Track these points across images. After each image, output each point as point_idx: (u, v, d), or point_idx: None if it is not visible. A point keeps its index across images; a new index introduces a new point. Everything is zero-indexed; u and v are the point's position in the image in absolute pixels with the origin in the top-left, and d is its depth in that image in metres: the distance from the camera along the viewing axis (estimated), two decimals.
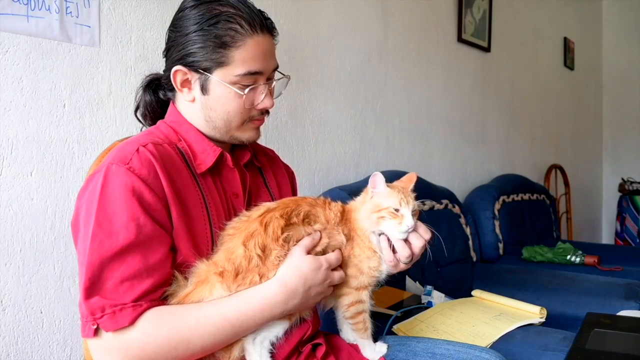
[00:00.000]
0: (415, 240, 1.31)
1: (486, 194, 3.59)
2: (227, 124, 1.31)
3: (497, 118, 4.22)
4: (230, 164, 1.34)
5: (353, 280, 1.31)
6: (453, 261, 2.83)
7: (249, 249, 1.18)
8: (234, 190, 1.35)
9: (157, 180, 1.17)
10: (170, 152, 1.25)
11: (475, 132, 3.96)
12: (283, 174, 1.56)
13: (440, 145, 3.57)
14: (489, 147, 4.13)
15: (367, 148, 2.92)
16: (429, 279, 2.58)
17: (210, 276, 1.17)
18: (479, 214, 3.48)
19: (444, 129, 3.60)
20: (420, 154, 3.38)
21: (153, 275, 1.13)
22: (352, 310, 1.33)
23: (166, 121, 1.35)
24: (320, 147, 2.62)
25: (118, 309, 1.10)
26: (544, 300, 2.59)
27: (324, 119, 2.64)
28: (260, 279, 1.18)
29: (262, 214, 1.22)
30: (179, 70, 1.28)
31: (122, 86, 1.80)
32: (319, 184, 2.60)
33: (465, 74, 3.80)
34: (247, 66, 1.26)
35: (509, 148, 4.41)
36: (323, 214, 1.29)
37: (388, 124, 3.08)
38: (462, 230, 3.02)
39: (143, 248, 1.13)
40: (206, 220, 1.24)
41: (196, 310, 1.15)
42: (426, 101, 3.41)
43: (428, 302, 2.21)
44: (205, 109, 1.30)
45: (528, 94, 4.66)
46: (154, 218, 1.15)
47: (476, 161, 3.98)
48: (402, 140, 3.21)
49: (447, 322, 2.01)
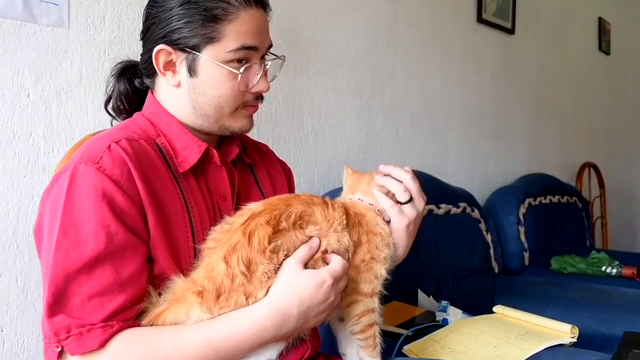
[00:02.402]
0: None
1: (510, 196, 3.58)
2: (218, 111, 1.30)
3: (522, 110, 4.21)
4: (217, 161, 1.33)
5: (366, 286, 1.30)
6: (472, 273, 2.82)
7: (231, 266, 1.15)
8: (221, 191, 1.34)
9: (131, 182, 1.16)
10: (147, 149, 1.24)
11: (497, 125, 3.95)
12: (278, 171, 1.55)
13: (457, 140, 3.56)
14: (512, 142, 4.12)
15: (373, 143, 2.91)
16: (445, 293, 2.57)
17: (188, 295, 1.15)
18: (501, 218, 3.47)
19: (461, 121, 3.59)
20: (434, 150, 3.36)
21: (126, 291, 1.12)
22: (363, 322, 1.31)
23: (144, 113, 1.34)
24: (320, 143, 2.61)
25: (86, 330, 1.08)
26: (575, 317, 2.57)
27: (325, 110, 2.63)
28: (247, 300, 1.16)
29: (245, 221, 1.20)
30: (162, 50, 1.27)
31: (94, 72, 1.79)
32: (318, 185, 2.59)
33: (485, 60, 3.79)
34: (240, 40, 1.26)
35: (536, 144, 4.40)
36: (321, 212, 1.27)
37: (398, 116, 3.07)
38: (482, 237, 3.01)
39: (114, 259, 1.11)
40: (188, 228, 1.23)
41: (175, 333, 1.13)
42: (441, 90, 3.40)
43: (443, 319, 2.19)
44: (193, 94, 1.29)
45: (557, 83, 4.65)
46: (127, 225, 1.13)
47: (498, 159, 3.96)
48: (414, 134, 3.20)
49: (464, 342, 1.99)
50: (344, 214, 1.30)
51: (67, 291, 1.09)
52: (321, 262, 1.23)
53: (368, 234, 1.32)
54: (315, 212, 1.26)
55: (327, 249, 1.25)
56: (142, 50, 1.35)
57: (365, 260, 1.30)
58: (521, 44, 4.13)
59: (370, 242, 1.32)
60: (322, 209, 1.27)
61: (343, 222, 1.29)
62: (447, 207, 2.85)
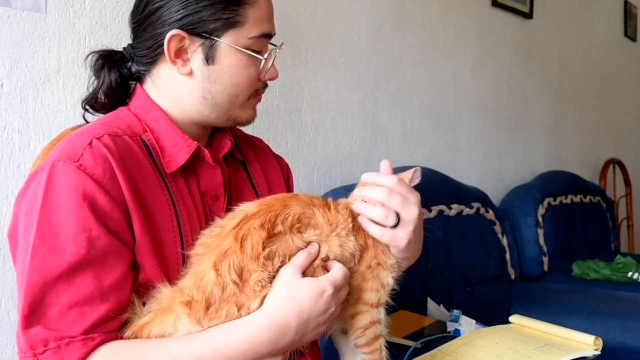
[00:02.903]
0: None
1: (527, 196, 3.58)
2: (232, 101, 1.31)
3: (541, 101, 4.21)
4: (209, 160, 1.33)
5: (372, 295, 1.29)
6: (486, 279, 2.81)
7: (221, 274, 1.14)
8: (212, 192, 1.33)
9: (115, 182, 1.15)
10: (132, 146, 1.23)
11: (514, 118, 3.95)
12: (274, 167, 1.55)
13: (470, 134, 3.56)
14: (530, 137, 4.11)
15: (379, 138, 2.91)
16: (457, 301, 2.56)
17: (175, 305, 1.15)
18: (518, 220, 3.47)
19: (474, 114, 3.59)
20: (445, 145, 3.36)
21: (108, 300, 1.12)
22: (368, 335, 1.30)
23: (130, 107, 1.34)
24: (320, 137, 2.61)
25: (64, 343, 1.08)
26: (599, 327, 2.57)
27: (326, 101, 2.63)
28: (239, 311, 1.15)
29: (237, 225, 1.19)
30: (176, 35, 1.26)
31: (73, 61, 1.79)
32: (319, 183, 2.59)
33: (501, 46, 3.79)
34: (260, 27, 1.29)
35: (556, 138, 4.40)
36: (322, 215, 1.26)
37: (405, 107, 3.07)
38: (497, 240, 3.01)
39: (96, 266, 1.11)
40: (176, 232, 1.23)
41: (161, 347, 1.12)
42: (452, 79, 3.40)
43: (455, 330, 2.19)
44: (207, 83, 1.29)
45: (580, 72, 4.64)
46: (110, 229, 1.13)
47: (515, 155, 3.96)
48: (423, 128, 3.19)
49: (478, 355, 1.99)
50: (350, 216, 1.30)
51: (45, 301, 1.09)
52: (321, 270, 1.22)
53: (373, 239, 1.31)
54: (315, 215, 1.25)
55: (328, 255, 1.23)
56: (137, 36, 1.34)
57: (372, 266, 1.29)
58: (540, 30, 4.13)
59: (376, 246, 1.30)
60: (323, 211, 1.26)
61: (349, 225, 1.27)
62: (459, 207, 2.85)
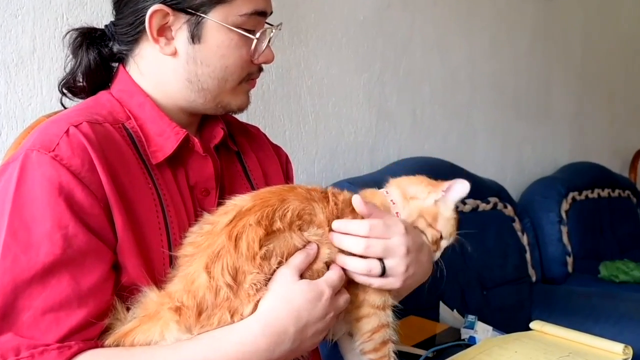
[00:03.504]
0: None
1: (550, 190, 3.58)
2: (220, 85, 1.30)
3: (564, 86, 4.20)
4: (199, 150, 1.32)
5: (378, 297, 1.29)
6: (504, 282, 2.81)
7: (214, 277, 1.14)
8: (203, 185, 1.33)
9: (94, 174, 1.15)
10: (114, 135, 1.23)
11: (535, 104, 3.94)
12: (271, 157, 1.54)
13: (487, 122, 3.56)
14: (553, 125, 4.11)
15: (386, 126, 2.91)
16: (472, 305, 2.56)
17: (163, 311, 1.14)
18: (539, 216, 3.46)
19: (491, 100, 3.58)
20: (459, 134, 3.36)
21: (87, 305, 1.11)
22: (376, 339, 1.30)
23: (111, 91, 1.33)
24: (322, 125, 2.61)
25: (38, 352, 1.07)
26: (628, 334, 2.56)
27: (327, 86, 2.63)
28: (232, 317, 1.15)
29: (231, 221, 1.18)
30: (159, 11, 1.25)
31: (49, 41, 1.78)
32: (319, 176, 2.59)
33: (520, 26, 3.78)
34: (253, 3, 1.28)
35: (581, 126, 4.39)
36: (323, 210, 1.26)
37: (415, 93, 3.07)
38: (516, 239, 3.01)
39: (73, 267, 1.10)
40: (162, 229, 1.22)
41: (146, 356, 1.12)
42: (467, 62, 3.39)
43: (470, 337, 2.19)
44: (193, 65, 1.28)
45: (607, 54, 4.63)
46: (89, 226, 1.12)
47: (536, 145, 3.96)
48: (435, 115, 3.19)
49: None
50: (351, 210, 1.29)
51: (17, 305, 1.08)
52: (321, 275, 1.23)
53: None
54: (316, 211, 1.25)
55: (331, 258, 1.24)
56: (119, 12, 1.33)
57: None
58: (563, 7, 4.12)
59: None
60: (323, 206, 1.26)
61: (347, 217, 1.28)
62: (475, 202, 2.85)
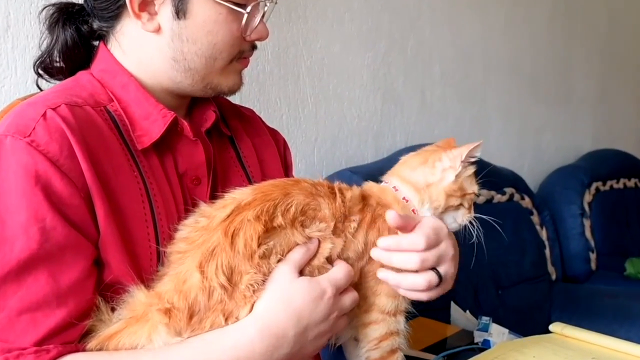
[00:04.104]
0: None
1: (571, 180, 3.59)
2: (208, 64, 1.30)
3: (587, 66, 4.20)
4: (189, 134, 1.32)
5: (388, 302, 1.30)
6: (521, 280, 2.82)
7: (207, 277, 1.14)
8: (193, 173, 1.33)
9: (74, 161, 1.14)
10: (95, 119, 1.23)
11: (555, 86, 3.94)
12: (267, 143, 1.55)
13: (503, 106, 3.56)
14: (575, 109, 4.11)
15: (392, 110, 2.91)
16: (485, 306, 2.57)
17: (152, 313, 1.14)
18: (560, 209, 3.47)
19: (507, 81, 3.58)
20: (472, 119, 3.36)
21: (66, 304, 1.11)
22: (383, 347, 1.30)
23: (92, 71, 1.33)
24: (322, 109, 2.61)
25: (13, 356, 1.07)
26: None
27: (328, 66, 2.62)
28: (226, 321, 1.15)
29: (228, 216, 1.18)
30: None
31: (25, 17, 1.78)
32: (319, 164, 2.60)
33: (539, 1, 3.78)
34: None
35: (606, 110, 4.39)
36: (329, 207, 1.25)
37: (424, 74, 3.07)
38: (534, 233, 3.01)
39: (51, 263, 1.10)
40: (149, 221, 1.22)
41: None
42: (481, 40, 3.39)
43: (484, 340, 2.19)
44: (178, 42, 1.28)
45: (634, 30, 4.63)
46: (68, 218, 1.12)
47: (556, 130, 3.96)
48: (445, 98, 3.19)
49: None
50: (360, 206, 1.29)
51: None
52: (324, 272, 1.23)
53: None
54: (321, 206, 1.25)
55: (331, 255, 1.24)
56: None
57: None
58: None
59: None
60: (329, 201, 1.26)
61: (357, 218, 1.27)
62: (489, 193, 2.85)
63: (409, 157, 1.43)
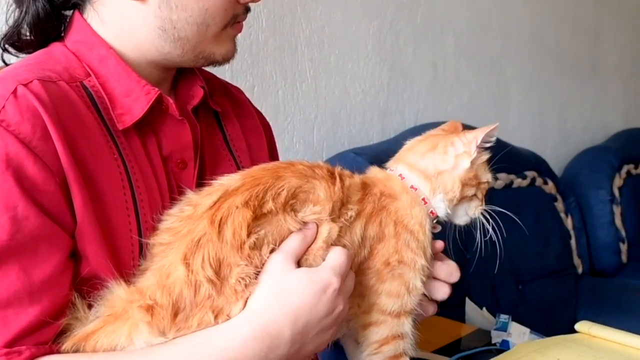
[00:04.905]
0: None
1: (599, 162, 3.58)
2: (201, 32, 1.30)
3: (617, 36, 4.19)
4: (175, 113, 1.32)
5: (391, 301, 1.30)
6: (544, 274, 2.83)
7: (193, 270, 1.14)
8: (179, 156, 1.33)
9: (48, 143, 1.14)
10: (71, 96, 1.22)
11: (582, 58, 3.94)
12: (255, 127, 1.56)
13: (523, 80, 3.56)
14: (603, 83, 4.11)
15: (400, 85, 2.91)
16: (504, 303, 2.58)
17: (132, 310, 1.14)
18: (587, 194, 3.47)
19: (528, 52, 3.58)
20: (489, 94, 3.36)
21: (40, 301, 1.11)
22: (385, 352, 1.30)
23: (66, 43, 1.33)
24: (322, 84, 2.61)
25: None
26: None
27: (329, 35, 2.62)
28: (216, 318, 1.15)
29: (215, 203, 1.19)
30: None
31: None
32: (319, 145, 2.60)
33: None
34: None
35: (638, 85, 4.38)
36: (326, 190, 1.25)
37: (436, 44, 3.07)
38: (559, 221, 3.02)
39: (23, 256, 1.10)
40: (130, 209, 1.22)
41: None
42: (498, 6, 3.39)
43: (502, 341, 2.20)
44: (166, 10, 1.28)
45: None
46: (42, 206, 1.12)
47: (583, 107, 3.96)
48: (459, 71, 3.20)
49: None
50: (361, 194, 1.30)
51: None
52: (321, 260, 1.22)
53: (397, 225, 1.31)
54: (315, 189, 1.24)
55: (330, 237, 1.23)
56: None
57: (391, 263, 1.29)
58: None
59: (398, 237, 1.30)
60: (326, 185, 1.26)
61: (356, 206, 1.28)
62: (508, 177, 2.86)
63: (414, 142, 1.43)
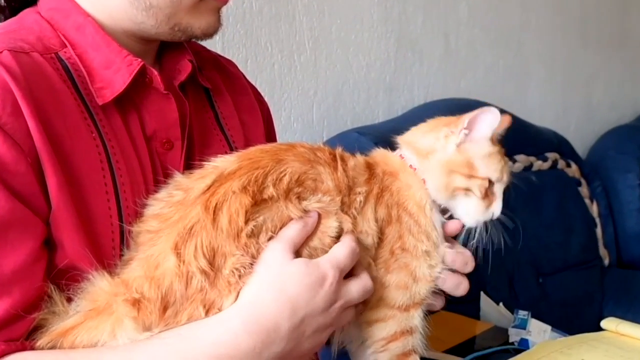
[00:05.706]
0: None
1: (628, 143, 3.58)
2: (174, 1, 1.28)
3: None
4: (159, 86, 1.32)
5: (399, 294, 1.30)
6: (567, 266, 2.83)
7: (185, 261, 1.14)
8: (164, 135, 1.33)
9: (19, 120, 1.14)
10: (44, 68, 1.22)
11: (608, 28, 3.94)
12: (252, 106, 1.55)
13: (544, 53, 3.56)
14: (632, 56, 4.11)
15: (408, 58, 2.91)
16: (523, 298, 2.58)
17: (117, 304, 1.14)
18: (614, 178, 3.46)
19: (550, 22, 3.58)
20: (506, 68, 3.36)
21: (10, 293, 1.11)
22: (393, 350, 1.31)
23: (39, 10, 1.32)
24: (322, 57, 2.61)
25: None
26: None
27: (330, 3, 2.62)
28: (207, 313, 1.15)
29: (209, 188, 1.18)
30: None
31: None
32: (319, 124, 2.60)
33: None
34: None
35: None
36: (331, 176, 1.25)
37: (448, 13, 3.07)
38: (583, 208, 3.02)
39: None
40: (110, 192, 1.22)
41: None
42: None
43: (521, 340, 2.21)
44: None
45: None
46: (13, 189, 1.12)
47: (610, 82, 3.96)
48: (474, 43, 3.20)
49: None
50: (367, 176, 1.30)
51: None
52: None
53: (399, 207, 1.31)
54: (322, 176, 1.25)
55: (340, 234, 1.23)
56: None
57: (394, 251, 1.30)
58: None
59: (401, 221, 1.31)
60: (330, 171, 1.26)
61: (363, 190, 1.28)
62: (528, 159, 2.86)
63: (431, 120, 1.42)
